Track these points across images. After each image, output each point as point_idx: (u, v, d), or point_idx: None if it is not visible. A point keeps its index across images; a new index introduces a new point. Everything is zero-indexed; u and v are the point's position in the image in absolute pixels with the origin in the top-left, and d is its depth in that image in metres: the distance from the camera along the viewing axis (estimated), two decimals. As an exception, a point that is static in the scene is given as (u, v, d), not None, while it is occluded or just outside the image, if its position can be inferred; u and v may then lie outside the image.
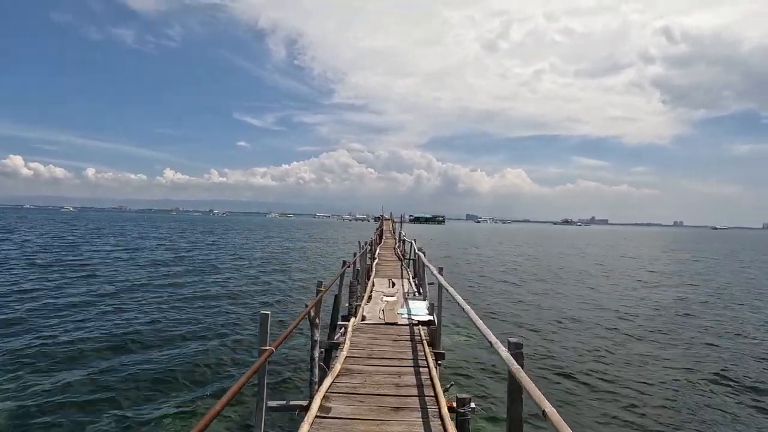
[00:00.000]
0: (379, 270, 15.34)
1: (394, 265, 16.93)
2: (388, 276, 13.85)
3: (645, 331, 13.82)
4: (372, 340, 6.63)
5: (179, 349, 10.64)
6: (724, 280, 27.31)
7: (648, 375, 9.87)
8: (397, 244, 26.26)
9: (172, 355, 10.16)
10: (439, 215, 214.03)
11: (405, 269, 15.84)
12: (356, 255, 10.99)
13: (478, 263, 33.83)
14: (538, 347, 11.70)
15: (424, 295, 10.10)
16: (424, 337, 6.80)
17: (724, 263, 40.83)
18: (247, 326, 13.05)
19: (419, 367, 5.66)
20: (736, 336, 13.50)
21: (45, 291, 16.49)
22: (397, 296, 10.42)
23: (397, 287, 11.81)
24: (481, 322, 3.97)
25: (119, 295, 16.57)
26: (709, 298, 20.44)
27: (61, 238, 44.11)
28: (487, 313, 15.39)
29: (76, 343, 10.55)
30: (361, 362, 5.65)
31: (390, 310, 8.71)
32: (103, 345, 10.61)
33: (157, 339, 11.35)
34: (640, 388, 9.02)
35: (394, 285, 12.14)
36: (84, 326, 12.06)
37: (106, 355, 10.00)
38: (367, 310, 8.77)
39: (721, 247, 71.14)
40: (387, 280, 12.97)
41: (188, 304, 15.60)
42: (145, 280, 20.24)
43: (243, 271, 25.26)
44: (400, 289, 11.42)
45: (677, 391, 8.99)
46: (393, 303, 9.41)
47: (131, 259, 27.93)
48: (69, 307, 14.23)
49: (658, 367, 10.42)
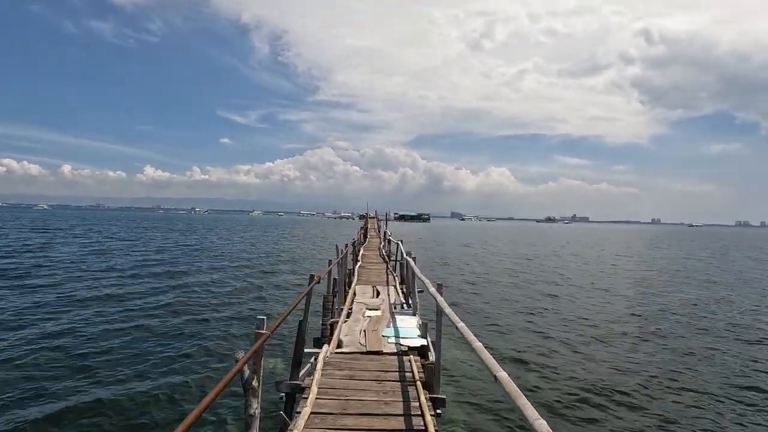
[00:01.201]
0: (362, 274, 13.68)
1: (378, 269, 15.28)
2: (372, 282, 12.20)
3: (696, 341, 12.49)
4: (348, 381, 4.96)
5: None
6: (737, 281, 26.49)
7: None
8: (383, 243, 24.63)
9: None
10: (424, 213, 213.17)
11: (391, 273, 14.24)
12: (331, 263, 9.24)
13: (475, 265, 31.70)
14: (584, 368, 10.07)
15: (414, 307, 8.49)
16: (418, 374, 5.17)
17: (726, 261, 40.67)
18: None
19: (411, 417, 4.07)
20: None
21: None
22: (382, 309, 8.78)
23: (382, 297, 10.17)
24: (487, 353, 2.78)
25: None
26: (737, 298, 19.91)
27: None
28: (506, 326, 13.76)
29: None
30: (332, 421, 3.99)
31: (373, 330, 7.06)
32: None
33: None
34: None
35: (379, 294, 10.49)
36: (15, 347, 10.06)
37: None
38: (345, 330, 7.10)
39: (710, 245, 71.22)
40: (371, 287, 11.32)
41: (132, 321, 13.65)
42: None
43: (204, 276, 23.23)
44: (386, 299, 9.80)
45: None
46: (377, 320, 7.76)
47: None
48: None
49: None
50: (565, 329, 13.48)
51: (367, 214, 62.89)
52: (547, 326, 13.79)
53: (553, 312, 15.97)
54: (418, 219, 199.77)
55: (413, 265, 8.73)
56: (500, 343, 11.69)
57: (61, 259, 26.03)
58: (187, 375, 8.87)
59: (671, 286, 23.33)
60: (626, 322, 14.72)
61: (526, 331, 13.27)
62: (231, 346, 10.62)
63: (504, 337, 12.47)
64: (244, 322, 13.26)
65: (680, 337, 12.96)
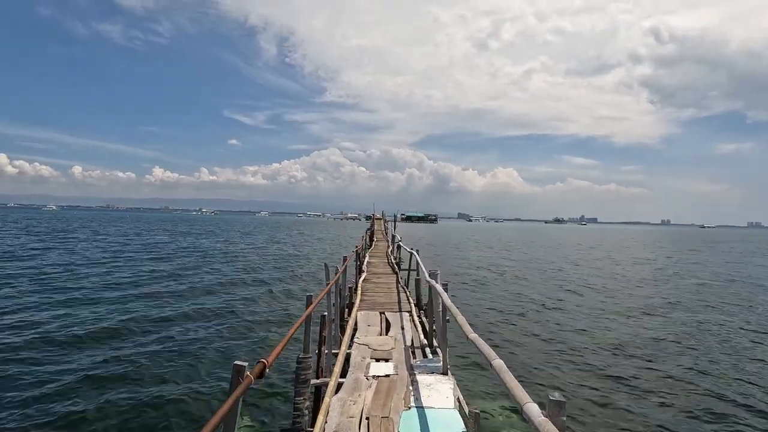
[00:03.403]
0: (367, 292, 10.77)
1: (387, 283, 12.34)
2: (378, 305, 9.27)
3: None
4: None
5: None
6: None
7: None
8: (390, 248, 21.72)
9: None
10: (431, 214, 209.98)
11: (402, 289, 11.23)
12: (311, 300, 5.44)
13: (510, 276, 26.50)
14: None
15: (443, 354, 5.51)
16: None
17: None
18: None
19: None
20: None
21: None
22: (395, 359, 5.86)
23: (393, 332, 7.26)
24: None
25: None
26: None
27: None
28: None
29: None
30: None
31: (382, 405, 4.19)
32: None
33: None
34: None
35: (389, 327, 7.57)
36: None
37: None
38: (335, 411, 4.20)
39: (736, 248, 67.00)
40: (377, 314, 8.40)
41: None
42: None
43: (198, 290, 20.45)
44: (400, 338, 6.88)
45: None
46: (388, 388, 4.82)
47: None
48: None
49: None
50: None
51: (374, 215, 60.04)
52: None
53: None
54: (425, 220, 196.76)
55: (439, 290, 5.64)
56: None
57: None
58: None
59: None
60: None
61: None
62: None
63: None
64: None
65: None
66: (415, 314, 8.49)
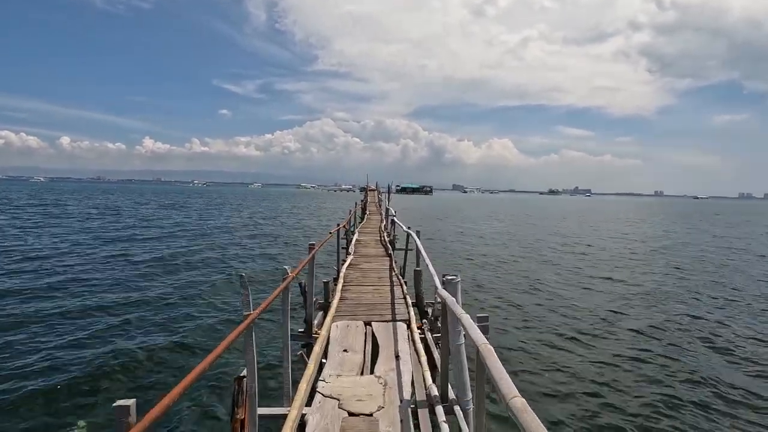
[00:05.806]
0: (351, 283, 8.20)
1: (378, 270, 9.76)
2: (363, 306, 6.70)
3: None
4: None
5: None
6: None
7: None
8: (384, 223, 19.17)
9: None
10: (426, 185, 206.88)
11: (397, 280, 8.61)
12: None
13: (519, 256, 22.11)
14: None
15: (461, 392, 3.00)
16: None
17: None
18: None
19: None
20: None
21: None
22: (382, 428, 3.33)
23: (383, 365, 4.67)
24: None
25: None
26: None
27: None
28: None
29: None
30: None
31: None
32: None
33: None
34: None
35: (376, 350, 4.99)
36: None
37: None
38: None
39: (739, 221, 64.33)
40: (361, 325, 5.83)
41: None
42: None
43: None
44: (393, 378, 4.31)
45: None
46: None
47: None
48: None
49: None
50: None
51: (368, 186, 57.24)
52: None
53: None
54: (420, 191, 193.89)
55: (459, 314, 3.05)
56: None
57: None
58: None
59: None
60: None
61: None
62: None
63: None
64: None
65: None
66: (416, 326, 5.91)
